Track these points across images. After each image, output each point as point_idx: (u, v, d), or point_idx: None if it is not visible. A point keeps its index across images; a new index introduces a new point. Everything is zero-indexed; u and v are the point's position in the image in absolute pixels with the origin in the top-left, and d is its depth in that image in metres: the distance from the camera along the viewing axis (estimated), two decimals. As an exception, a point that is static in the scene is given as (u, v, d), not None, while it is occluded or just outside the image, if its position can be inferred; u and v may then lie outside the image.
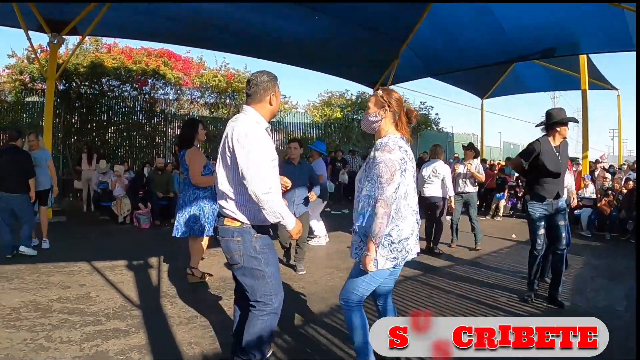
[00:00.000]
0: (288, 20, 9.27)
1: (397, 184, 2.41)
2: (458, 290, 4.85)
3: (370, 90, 14.42)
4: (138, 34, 10.65)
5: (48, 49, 9.25)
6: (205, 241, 5.05)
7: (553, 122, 4.23)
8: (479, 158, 7.48)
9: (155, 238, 7.74)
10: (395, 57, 11.45)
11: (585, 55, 10.60)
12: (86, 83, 11.95)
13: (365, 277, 2.53)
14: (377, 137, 2.61)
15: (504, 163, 13.84)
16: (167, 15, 9.02)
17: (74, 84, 11.74)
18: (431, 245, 6.75)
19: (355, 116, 16.37)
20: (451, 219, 7.22)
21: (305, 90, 57.30)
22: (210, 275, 5.14)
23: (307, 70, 13.73)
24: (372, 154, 2.55)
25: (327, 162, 12.02)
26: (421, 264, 5.81)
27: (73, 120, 12.03)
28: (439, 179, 6.62)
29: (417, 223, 2.63)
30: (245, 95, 2.68)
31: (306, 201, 5.42)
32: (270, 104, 2.63)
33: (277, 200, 2.49)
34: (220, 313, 4.06)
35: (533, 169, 4.29)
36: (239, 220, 2.56)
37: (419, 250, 2.66)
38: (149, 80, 12.83)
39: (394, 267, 2.54)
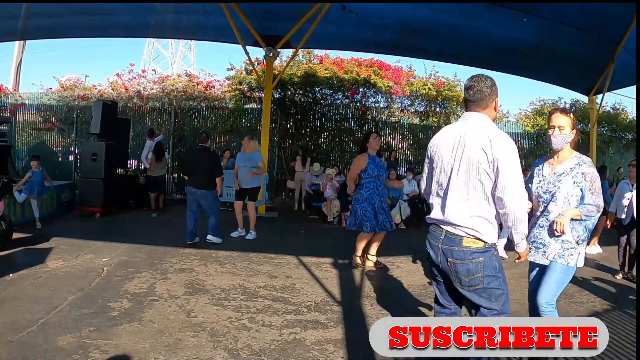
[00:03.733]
0: (495, 24, 9.02)
1: None
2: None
3: (584, 98, 13.43)
4: (348, 45, 11.54)
5: (264, 61, 10.62)
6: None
7: None
8: None
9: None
10: (610, 61, 10.13)
11: None
12: (300, 92, 13.36)
13: (566, 277, 2.91)
14: (562, 154, 2.97)
15: None
16: (376, 25, 9.45)
17: (289, 93, 13.26)
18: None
19: None
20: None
21: (517, 97, 53.92)
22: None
23: (518, 76, 13.20)
24: (579, 169, 2.88)
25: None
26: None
27: (288, 126, 13.60)
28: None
29: None
30: (464, 101, 2.57)
31: None
32: (495, 110, 2.55)
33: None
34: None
35: None
36: (483, 240, 2.39)
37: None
38: (360, 89, 13.65)
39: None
